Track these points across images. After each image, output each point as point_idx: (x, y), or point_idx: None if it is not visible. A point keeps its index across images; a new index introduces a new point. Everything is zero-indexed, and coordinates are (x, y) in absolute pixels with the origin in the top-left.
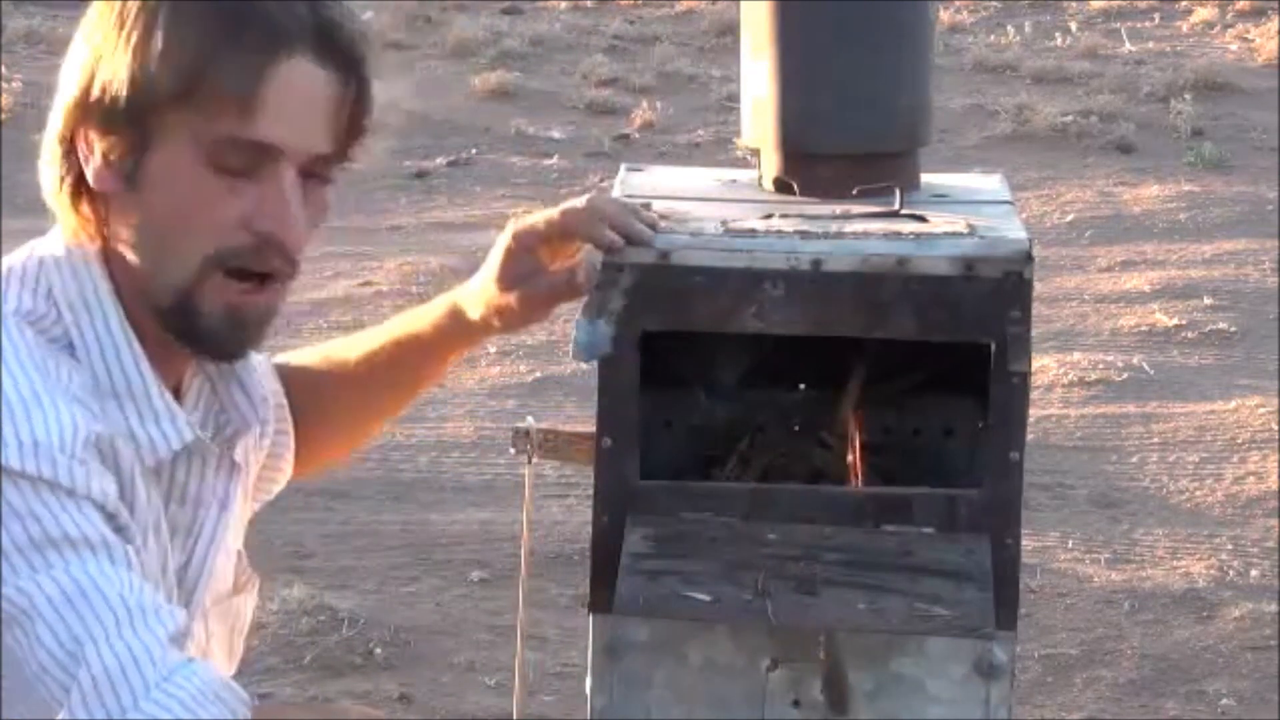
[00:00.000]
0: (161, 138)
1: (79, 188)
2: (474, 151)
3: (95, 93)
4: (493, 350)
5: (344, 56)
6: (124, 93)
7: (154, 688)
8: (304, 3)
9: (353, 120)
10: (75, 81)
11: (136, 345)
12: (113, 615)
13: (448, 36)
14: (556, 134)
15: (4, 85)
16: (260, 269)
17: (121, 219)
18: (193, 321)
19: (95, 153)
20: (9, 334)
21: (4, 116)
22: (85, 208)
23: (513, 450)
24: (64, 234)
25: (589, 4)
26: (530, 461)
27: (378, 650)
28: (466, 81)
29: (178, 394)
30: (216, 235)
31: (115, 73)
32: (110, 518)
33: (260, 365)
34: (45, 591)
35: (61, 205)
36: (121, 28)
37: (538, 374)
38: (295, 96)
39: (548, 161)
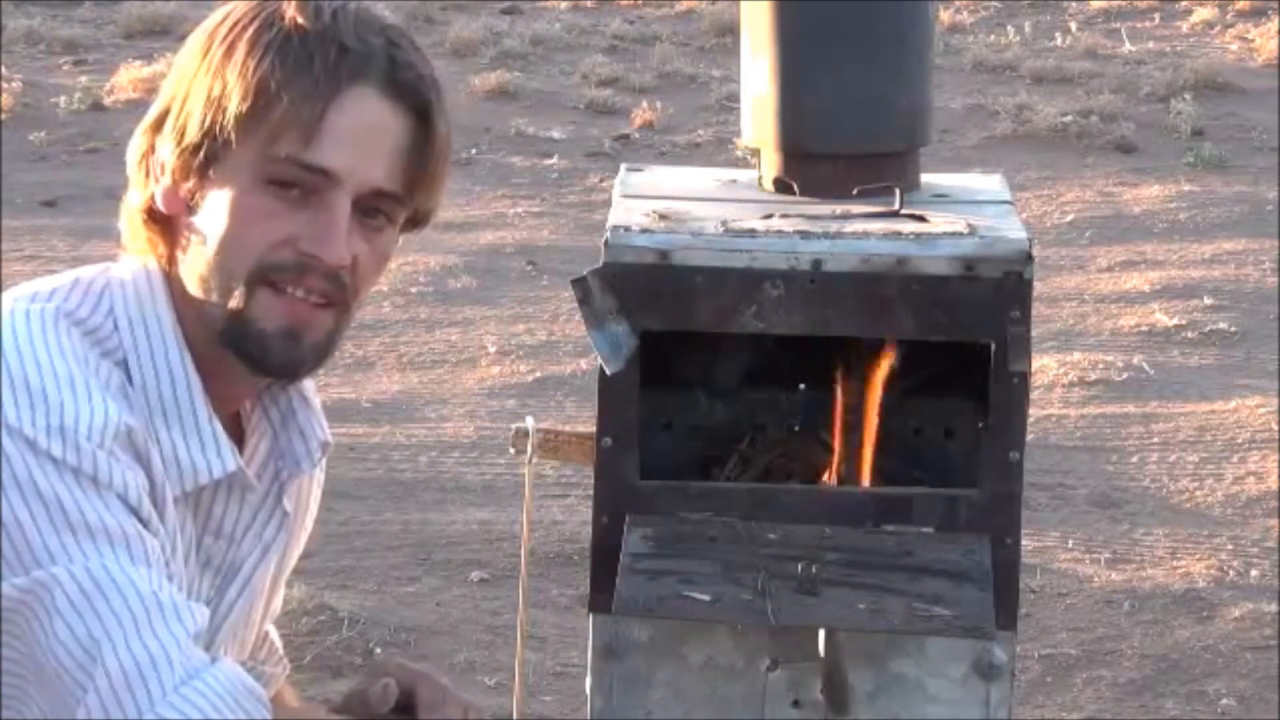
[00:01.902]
0: (225, 159)
1: (150, 210)
2: (474, 151)
3: (172, 115)
4: (493, 350)
5: (412, 95)
6: (196, 114)
7: (171, 692)
8: (378, 39)
9: (420, 165)
10: (156, 105)
11: (192, 370)
12: (130, 615)
13: (448, 36)
14: (556, 134)
15: (4, 85)
16: (302, 290)
17: (183, 242)
18: (249, 336)
19: (165, 174)
20: (54, 325)
21: (4, 116)
22: (153, 231)
23: (512, 450)
24: (132, 258)
25: (589, 4)
26: (530, 461)
27: (378, 650)
28: (466, 81)
29: (233, 429)
30: (262, 249)
31: (192, 96)
32: (134, 511)
33: (320, 411)
34: (62, 584)
35: (132, 227)
36: (205, 54)
37: (538, 374)
38: (358, 125)
39: (548, 161)
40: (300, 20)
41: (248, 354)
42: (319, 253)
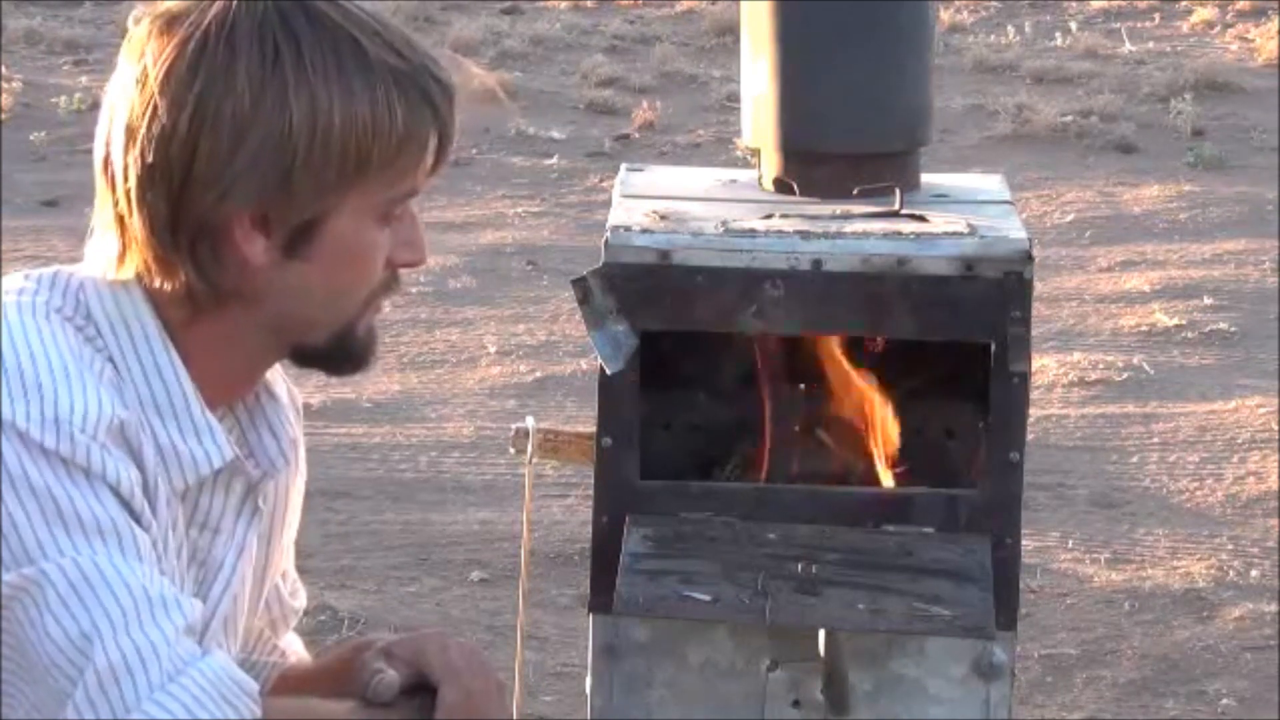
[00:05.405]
0: (340, 206)
1: (197, 242)
2: (474, 151)
3: (256, 162)
4: (493, 350)
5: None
6: (298, 161)
7: (158, 688)
8: (424, 55)
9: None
10: (217, 146)
11: (179, 362)
12: (120, 610)
13: (448, 36)
14: (556, 134)
15: (4, 85)
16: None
17: (271, 282)
18: (349, 348)
19: (245, 221)
20: (45, 318)
21: (4, 116)
22: (198, 261)
23: (512, 450)
24: (110, 266)
25: (589, 4)
26: (530, 461)
27: None
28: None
29: None
30: (374, 281)
31: (284, 143)
32: (125, 504)
33: (288, 405)
34: (52, 580)
35: (157, 254)
36: (264, 93)
37: (538, 374)
38: None
39: (548, 161)
40: (391, 61)
41: (337, 363)
42: (416, 259)
